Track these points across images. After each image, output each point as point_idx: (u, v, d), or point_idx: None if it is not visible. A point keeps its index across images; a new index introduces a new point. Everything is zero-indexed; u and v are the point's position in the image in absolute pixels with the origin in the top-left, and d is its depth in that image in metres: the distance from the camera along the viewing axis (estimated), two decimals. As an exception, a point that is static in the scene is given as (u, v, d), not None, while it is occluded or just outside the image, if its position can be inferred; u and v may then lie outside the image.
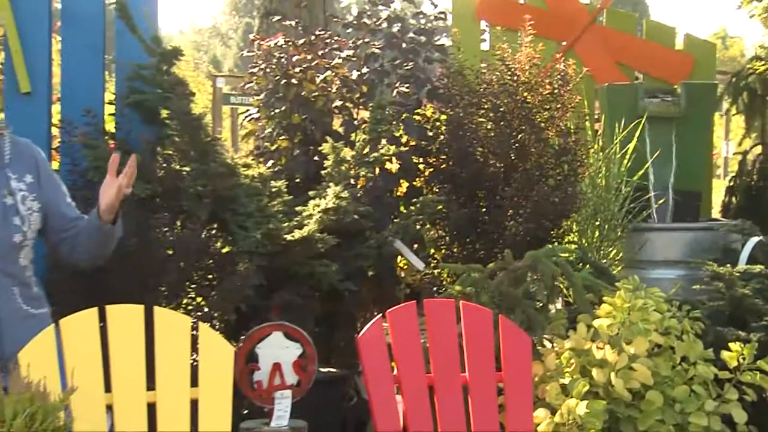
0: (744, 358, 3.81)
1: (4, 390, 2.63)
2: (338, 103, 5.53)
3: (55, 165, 4.73)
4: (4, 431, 2.50)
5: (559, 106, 5.32)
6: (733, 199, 6.98)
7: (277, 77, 5.42)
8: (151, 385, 3.11)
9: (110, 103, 4.80)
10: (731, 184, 7.15)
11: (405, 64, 5.57)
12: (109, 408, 3.04)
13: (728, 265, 4.91)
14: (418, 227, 4.96)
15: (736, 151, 8.98)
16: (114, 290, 3.38)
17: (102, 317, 3.09)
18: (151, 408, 3.09)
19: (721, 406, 3.75)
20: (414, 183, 5.43)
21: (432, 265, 5.22)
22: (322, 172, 4.97)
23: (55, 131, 4.77)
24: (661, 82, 6.89)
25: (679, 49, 7.37)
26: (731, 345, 3.87)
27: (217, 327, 4.19)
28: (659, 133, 5.93)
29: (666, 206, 5.86)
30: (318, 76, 5.45)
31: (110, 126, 4.77)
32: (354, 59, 5.63)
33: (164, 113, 4.59)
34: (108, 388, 3.05)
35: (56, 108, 4.80)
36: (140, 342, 3.11)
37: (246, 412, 3.96)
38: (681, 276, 5.27)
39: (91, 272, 3.31)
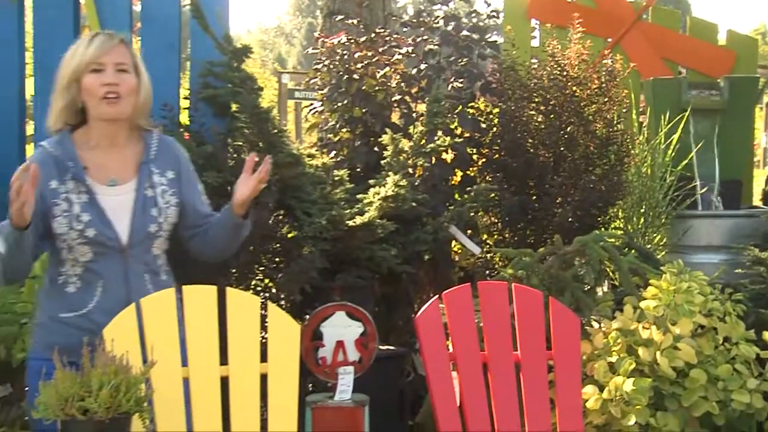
0: (785, 339, 3.79)
1: None
2: (397, 97, 5.52)
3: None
4: (92, 401, 2.54)
5: (606, 99, 5.27)
6: (774, 187, 6.88)
7: (340, 73, 5.42)
8: (223, 360, 3.14)
9: (185, 97, 4.85)
10: (772, 173, 7.06)
11: (460, 60, 5.55)
12: (186, 381, 3.07)
13: (769, 250, 4.88)
14: (471, 214, 4.95)
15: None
16: (189, 273, 3.40)
17: (179, 297, 3.13)
18: (224, 381, 3.12)
19: (763, 384, 3.73)
20: (468, 172, 5.41)
21: (485, 249, 5.20)
22: (382, 161, 4.98)
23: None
24: (704, 76, 6.80)
25: (722, 45, 7.27)
26: (772, 326, 3.84)
27: (283, 307, 4.21)
28: (703, 125, 5.85)
29: (709, 194, 5.79)
30: (378, 72, 5.45)
31: (185, 119, 4.81)
32: (412, 56, 5.61)
33: (234, 107, 4.62)
34: (184, 363, 3.08)
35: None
36: (214, 320, 3.14)
37: (311, 386, 3.99)
38: (723, 260, 5.21)
39: (169, 256, 3.33)
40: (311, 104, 6.44)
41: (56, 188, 3.05)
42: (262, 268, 4.55)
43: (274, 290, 4.43)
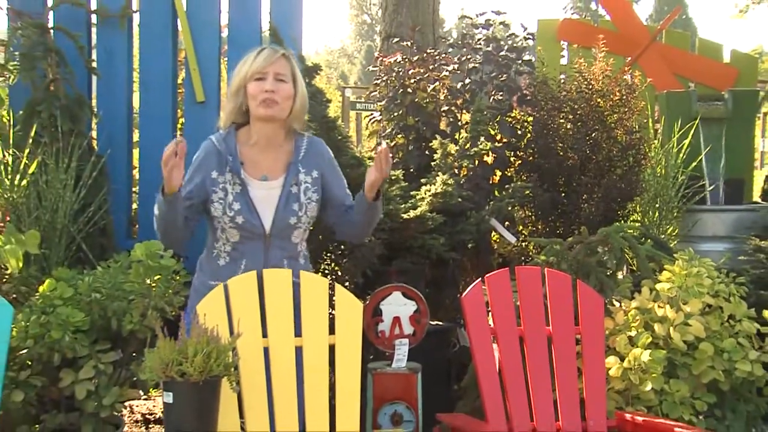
0: (782, 316, 3.76)
1: None
2: (445, 107, 5.50)
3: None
4: (188, 365, 2.56)
5: (626, 109, 5.23)
6: (771, 185, 6.79)
7: (396, 87, 5.42)
8: (297, 332, 3.14)
9: (266, 109, 4.86)
10: (770, 173, 6.95)
11: (499, 76, 5.52)
12: (266, 350, 3.08)
13: (768, 240, 4.85)
14: (509, 208, 4.91)
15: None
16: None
17: (259, 279, 3.14)
18: (298, 351, 3.13)
19: (762, 356, 3.71)
20: (506, 172, 5.38)
21: (520, 239, 5.17)
22: (432, 163, 4.97)
23: (221, 132, 4.86)
24: (711, 90, 6.74)
25: (726, 62, 7.20)
26: (771, 305, 3.82)
27: (348, 288, 4.21)
28: (710, 132, 5.80)
29: (716, 192, 5.74)
30: (429, 86, 5.44)
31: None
32: (458, 72, 5.59)
33: (306, 117, 4.62)
34: (264, 334, 3.09)
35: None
36: (289, 298, 3.15)
37: (372, 356, 3.98)
38: (728, 249, 5.16)
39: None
40: (371, 114, 6.43)
41: (216, 178, 3.13)
42: (330, 255, 4.55)
43: (340, 273, 4.43)
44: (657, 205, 5.51)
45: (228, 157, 3.13)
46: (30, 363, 3.65)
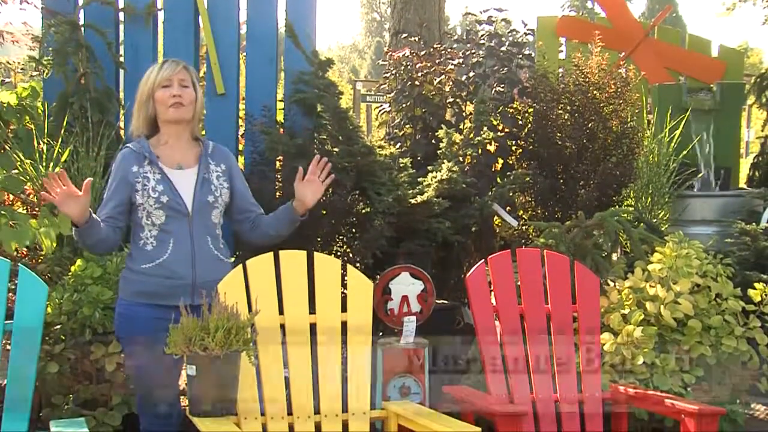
0: (766, 295, 3.77)
1: (192, 307, 2.79)
2: (450, 99, 5.48)
3: (240, 147, 4.83)
4: (210, 340, 2.56)
5: (620, 101, 5.19)
6: (756, 172, 6.74)
7: (404, 80, 5.40)
8: (311, 310, 3.14)
9: (280, 101, 4.85)
10: (755, 161, 6.89)
11: (501, 69, 5.49)
12: (282, 326, 3.08)
13: (753, 224, 4.86)
14: (510, 194, 4.90)
15: (758, 135, 8.68)
16: (284, 241, 3.40)
17: (276, 260, 3.13)
18: (312, 327, 3.12)
19: (747, 332, 3.72)
20: (508, 160, 5.35)
21: (521, 223, 5.15)
22: (438, 152, 4.94)
23: (240, 122, 4.85)
24: (701, 83, 6.70)
25: (715, 57, 7.15)
26: (756, 285, 3.82)
27: (359, 268, 4.20)
28: (699, 122, 5.78)
29: (705, 178, 5.72)
30: (435, 79, 5.41)
31: (280, 117, 4.81)
32: (462, 66, 5.56)
33: (319, 108, 4.61)
34: (281, 312, 3.09)
35: (241, 105, 4.87)
36: (304, 278, 3.15)
37: (381, 332, 3.98)
38: (715, 232, 5.15)
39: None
40: (380, 106, 6.41)
41: (137, 171, 3.17)
42: (341, 237, 4.55)
43: (351, 255, 4.42)
44: (649, 191, 5.49)
45: (145, 153, 3.20)
46: (63, 337, 3.68)
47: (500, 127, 5.28)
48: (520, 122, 5.42)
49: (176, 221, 3.14)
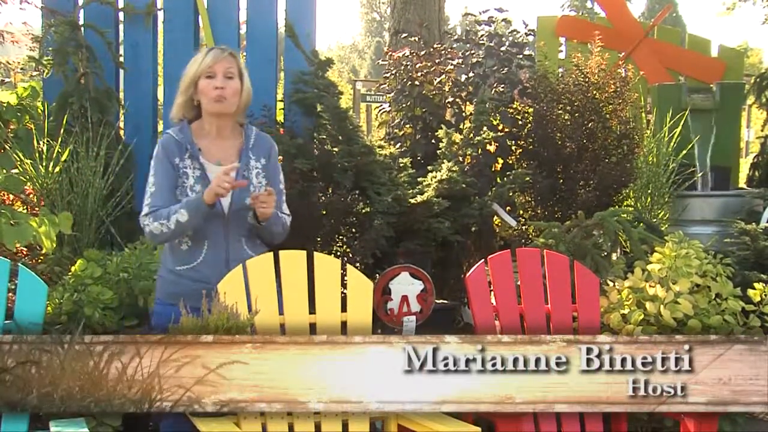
0: (765, 295, 3.73)
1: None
2: (450, 99, 5.48)
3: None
4: (209, 342, 2.56)
5: (620, 101, 5.20)
6: (756, 172, 6.75)
7: (404, 80, 5.41)
8: (311, 310, 3.13)
9: (280, 100, 4.85)
10: (755, 161, 6.90)
11: (501, 69, 5.50)
12: (282, 326, 3.07)
13: (753, 224, 4.85)
14: (510, 194, 4.90)
15: (758, 135, 8.69)
16: (284, 241, 3.40)
17: (276, 259, 3.13)
18: (312, 327, 3.12)
19: (747, 332, 3.67)
20: (508, 160, 5.35)
21: (521, 222, 5.16)
22: (438, 151, 4.95)
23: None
24: (700, 83, 6.70)
25: (714, 57, 7.16)
26: (755, 285, 3.79)
27: (359, 268, 4.20)
28: (699, 122, 5.78)
29: (705, 178, 5.72)
30: (435, 79, 5.42)
31: (280, 117, 4.81)
32: (462, 66, 5.57)
33: (319, 108, 4.61)
34: (281, 312, 3.08)
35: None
36: (304, 278, 3.13)
37: (380, 332, 3.97)
38: (715, 232, 5.15)
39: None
40: (380, 106, 6.42)
41: (178, 164, 3.09)
42: (341, 237, 4.55)
43: (351, 254, 4.42)
44: (649, 191, 5.49)
45: (187, 145, 3.11)
46: (63, 337, 3.67)
47: (500, 127, 5.29)
48: (519, 122, 5.42)
49: (211, 223, 3.09)
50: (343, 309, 3.16)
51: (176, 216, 3.00)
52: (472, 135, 4.93)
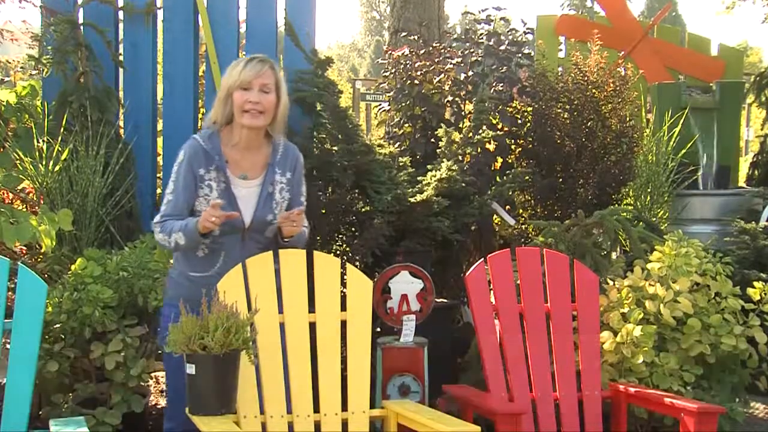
0: (765, 294, 3.75)
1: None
2: (449, 98, 5.47)
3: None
4: (209, 339, 2.56)
5: (619, 100, 5.20)
6: (756, 171, 6.75)
7: (404, 79, 5.40)
8: (311, 308, 3.14)
9: (279, 99, 4.84)
10: (754, 160, 6.90)
11: (500, 68, 5.48)
12: (282, 325, 3.08)
13: (752, 223, 4.87)
14: (510, 193, 4.90)
15: (757, 134, 8.70)
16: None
17: (275, 258, 3.13)
18: (312, 326, 3.12)
19: (746, 330, 3.69)
20: (507, 159, 5.35)
21: (520, 221, 5.16)
22: (437, 150, 4.94)
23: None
24: (700, 81, 6.71)
25: (714, 56, 7.16)
26: (755, 283, 3.81)
27: (358, 267, 4.20)
28: (698, 121, 5.78)
29: (705, 177, 5.72)
30: (434, 78, 5.41)
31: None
32: (462, 65, 5.56)
33: (319, 106, 4.61)
34: (280, 310, 3.09)
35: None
36: (303, 277, 3.14)
37: (379, 330, 3.98)
38: (715, 231, 5.16)
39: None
40: (379, 105, 6.41)
41: (203, 174, 3.07)
42: (341, 236, 4.55)
43: (350, 253, 4.42)
44: (648, 190, 5.50)
45: (215, 156, 3.09)
46: (63, 336, 3.68)
47: (499, 126, 5.28)
48: (519, 121, 5.42)
49: (230, 236, 3.09)
50: (343, 308, 3.17)
51: (176, 237, 3.03)
52: (471, 134, 4.92)
